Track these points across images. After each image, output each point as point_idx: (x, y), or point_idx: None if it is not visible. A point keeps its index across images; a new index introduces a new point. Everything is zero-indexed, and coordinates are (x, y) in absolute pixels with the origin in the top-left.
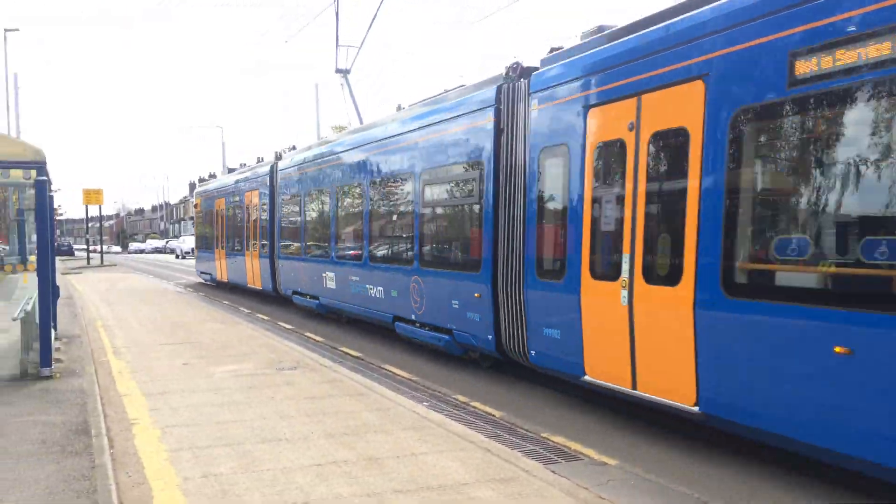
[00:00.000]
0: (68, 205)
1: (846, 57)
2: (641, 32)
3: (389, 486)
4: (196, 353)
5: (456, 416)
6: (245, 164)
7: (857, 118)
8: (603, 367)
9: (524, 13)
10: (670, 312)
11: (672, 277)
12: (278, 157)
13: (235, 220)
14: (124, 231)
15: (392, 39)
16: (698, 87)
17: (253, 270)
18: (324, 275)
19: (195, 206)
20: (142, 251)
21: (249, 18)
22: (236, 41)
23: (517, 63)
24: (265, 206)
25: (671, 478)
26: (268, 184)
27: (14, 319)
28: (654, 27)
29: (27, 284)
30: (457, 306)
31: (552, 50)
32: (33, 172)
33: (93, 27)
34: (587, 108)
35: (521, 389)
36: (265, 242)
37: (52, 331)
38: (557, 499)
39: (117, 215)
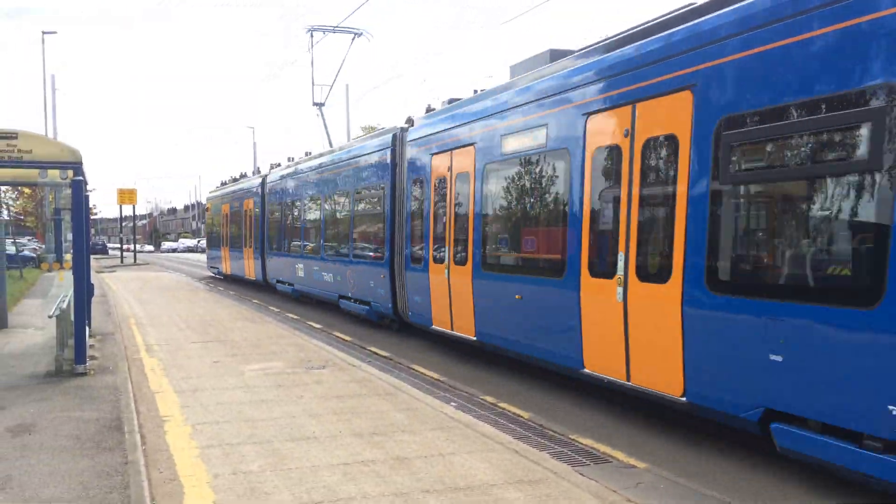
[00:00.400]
0: (101, 204)
1: (514, 143)
2: (452, 113)
3: (417, 487)
4: (227, 351)
5: (484, 416)
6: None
7: (520, 174)
8: (439, 318)
9: (555, 13)
10: (464, 280)
11: (464, 261)
12: (267, 172)
13: (236, 223)
14: (157, 230)
15: (423, 40)
16: (472, 149)
17: (249, 265)
18: (296, 266)
19: (206, 209)
20: (174, 250)
21: (274, 18)
22: (262, 40)
23: (410, 117)
24: (257, 212)
25: (703, 482)
26: (259, 193)
27: (50, 317)
28: (458, 111)
29: (63, 282)
30: (372, 285)
31: (427, 110)
32: (70, 172)
33: (99, 27)
34: (431, 154)
35: (550, 391)
36: (258, 242)
37: (87, 328)
38: (585, 501)
39: (150, 215)
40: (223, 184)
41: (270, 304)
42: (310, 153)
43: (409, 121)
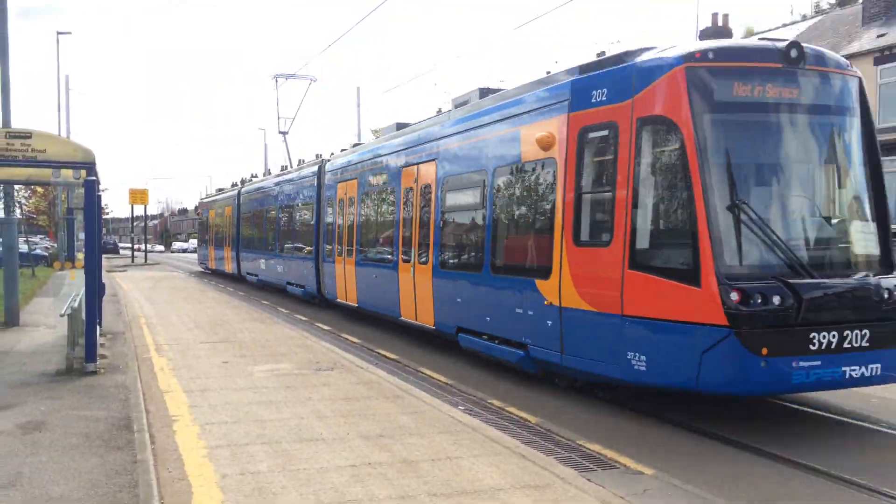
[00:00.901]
0: (113, 204)
1: (374, 180)
2: (348, 156)
3: (424, 490)
4: (236, 352)
5: (491, 420)
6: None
7: (377, 201)
8: (341, 294)
9: (569, 16)
10: (351, 268)
11: (351, 254)
12: (241, 186)
13: (219, 227)
14: (168, 230)
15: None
16: (356, 181)
17: (227, 261)
18: (260, 261)
19: (198, 213)
20: (184, 250)
21: (288, 20)
22: (277, 41)
23: (332, 152)
24: (234, 218)
25: (711, 489)
26: (236, 203)
27: (61, 316)
28: (351, 155)
29: (74, 281)
30: (305, 273)
31: (342, 150)
32: (83, 172)
33: (106, 26)
34: (337, 182)
35: (558, 395)
36: (235, 242)
37: (98, 327)
38: None
39: (161, 215)
40: (233, 186)
41: (255, 297)
42: (269, 172)
43: (331, 154)
